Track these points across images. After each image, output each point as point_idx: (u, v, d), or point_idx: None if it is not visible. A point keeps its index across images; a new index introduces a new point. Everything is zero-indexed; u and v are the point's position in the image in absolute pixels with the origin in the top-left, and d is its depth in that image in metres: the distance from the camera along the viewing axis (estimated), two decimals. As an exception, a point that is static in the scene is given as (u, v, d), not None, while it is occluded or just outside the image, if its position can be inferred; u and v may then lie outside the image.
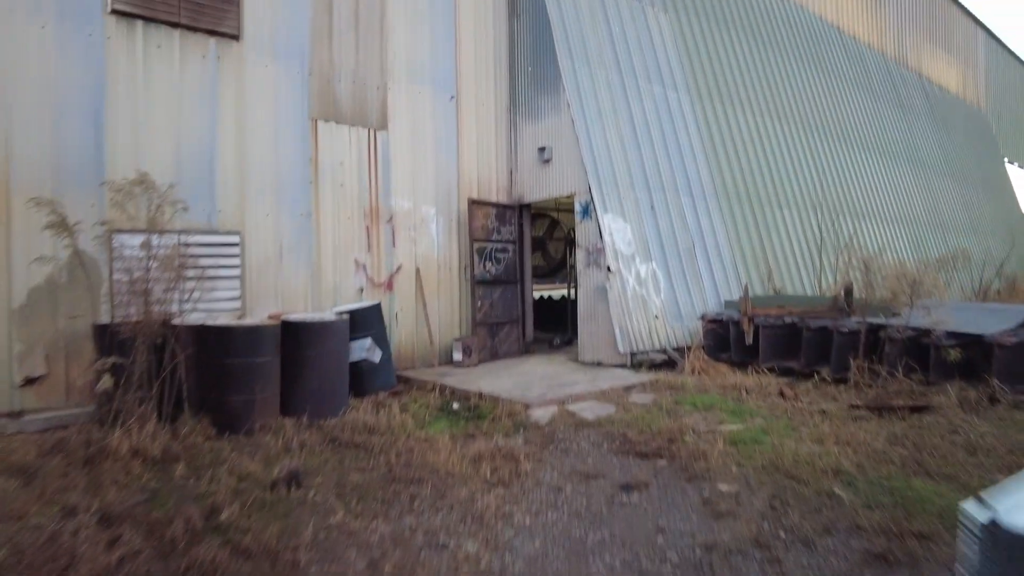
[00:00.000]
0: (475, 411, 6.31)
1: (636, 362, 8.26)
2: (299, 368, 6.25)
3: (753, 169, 11.75)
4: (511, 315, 9.66)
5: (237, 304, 7.29)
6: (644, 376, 7.53)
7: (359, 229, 8.30)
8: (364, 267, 8.32)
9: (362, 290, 8.27)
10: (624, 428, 5.52)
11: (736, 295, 10.16)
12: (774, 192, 12.07)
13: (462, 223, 9.32)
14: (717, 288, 9.93)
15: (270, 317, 6.73)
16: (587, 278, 8.80)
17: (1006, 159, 26.61)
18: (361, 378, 7.30)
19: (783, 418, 5.82)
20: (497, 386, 7.00)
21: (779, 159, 12.60)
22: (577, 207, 8.97)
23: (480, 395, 6.59)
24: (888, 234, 15.55)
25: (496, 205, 9.51)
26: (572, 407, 6.12)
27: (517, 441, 5.28)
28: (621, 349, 8.19)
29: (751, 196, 11.43)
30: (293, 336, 6.29)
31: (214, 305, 7.12)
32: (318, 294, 7.90)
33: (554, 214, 11.72)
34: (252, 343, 5.93)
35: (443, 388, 7.22)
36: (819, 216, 12.87)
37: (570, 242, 10.94)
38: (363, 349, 7.36)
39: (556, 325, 13.02)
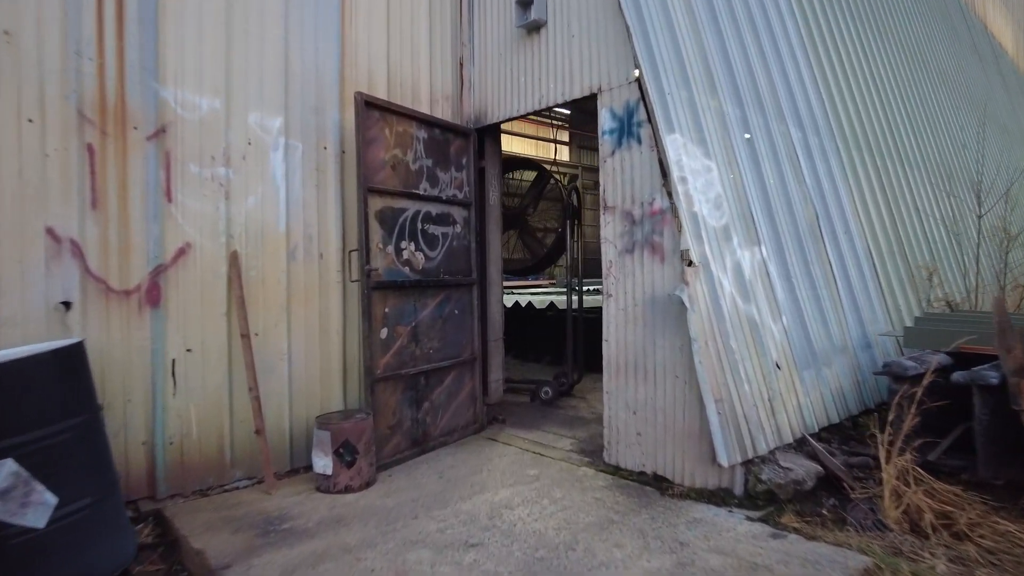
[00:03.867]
0: None
1: (758, 488, 3.52)
2: None
3: (869, 108, 7.16)
4: (457, 351, 4.84)
5: None
6: (813, 559, 2.79)
7: (64, 151, 3.37)
8: (78, 249, 3.37)
9: (68, 306, 3.32)
10: None
11: (881, 315, 5.61)
12: (895, 148, 7.51)
13: (347, 156, 4.45)
14: (856, 299, 5.33)
15: None
16: (627, 277, 4.03)
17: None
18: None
19: None
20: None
21: (895, 100, 8.05)
22: (605, 120, 4.19)
23: None
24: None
25: (426, 122, 4.64)
26: None
27: None
28: (725, 459, 3.46)
29: (872, 149, 6.84)
30: None
31: None
32: (-81, 320, 2.95)
33: (536, 152, 6.94)
34: None
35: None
36: (958, 189, 8.43)
37: (573, 212, 6.13)
38: (-18, 497, 2.46)
39: (543, 350, 8.23)
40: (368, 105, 4.12)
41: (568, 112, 27.67)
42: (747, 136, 4.76)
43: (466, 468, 4.11)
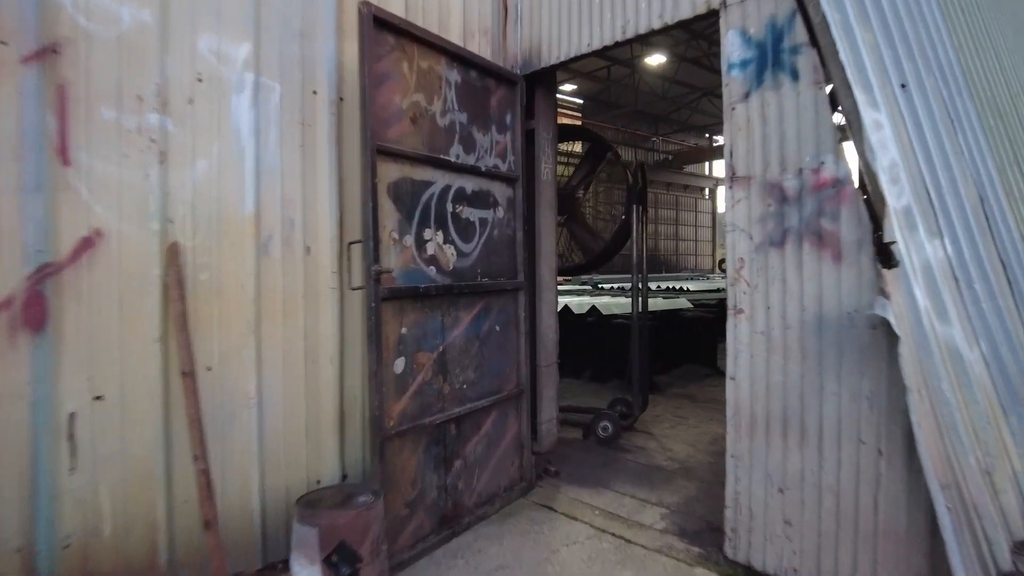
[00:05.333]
0: None
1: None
2: None
3: (993, 68, 5.78)
4: (498, 383, 3.52)
5: None
6: None
7: None
8: None
9: None
10: None
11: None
12: (1019, 119, 6.13)
13: (346, 105, 3.10)
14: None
15: None
16: (771, 284, 2.70)
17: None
18: None
19: None
20: None
21: (1008, 65, 6.66)
22: (734, 47, 2.85)
23: None
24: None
25: (460, 58, 3.28)
26: None
27: None
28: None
29: (1003, 117, 5.47)
30: None
31: None
32: None
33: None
34: None
35: None
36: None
37: (639, 195, 4.77)
38: None
39: (582, 364, 6.90)
40: (379, 24, 2.76)
41: (580, 101, 26.33)
42: (902, 86, 3.41)
43: (522, 571, 2.77)
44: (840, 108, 2.49)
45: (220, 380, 2.72)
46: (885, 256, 2.34)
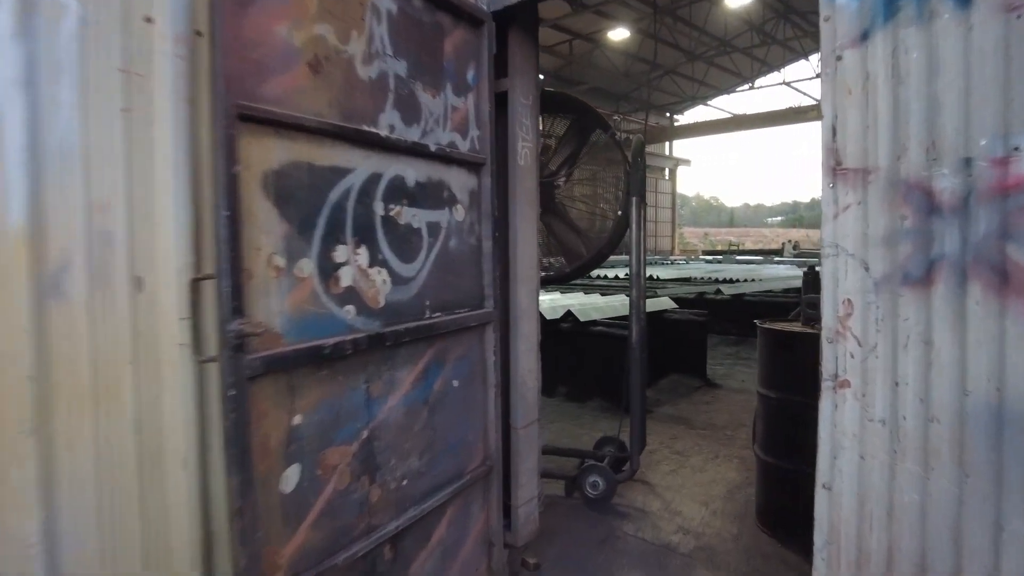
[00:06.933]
0: None
1: None
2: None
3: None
4: (457, 464, 2.42)
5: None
6: None
7: None
8: None
9: None
10: None
11: None
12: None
13: (207, 42, 1.85)
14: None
15: None
16: (902, 348, 1.66)
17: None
18: None
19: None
20: None
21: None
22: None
23: None
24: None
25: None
26: None
27: None
28: None
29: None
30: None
31: None
32: None
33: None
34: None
35: None
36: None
37: (638, 184, 3.68)
38: None
39: (556, 379, 5.87)
40: None
41: (540, 76, 25.28)
42: None
43: None
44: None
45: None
46: None
